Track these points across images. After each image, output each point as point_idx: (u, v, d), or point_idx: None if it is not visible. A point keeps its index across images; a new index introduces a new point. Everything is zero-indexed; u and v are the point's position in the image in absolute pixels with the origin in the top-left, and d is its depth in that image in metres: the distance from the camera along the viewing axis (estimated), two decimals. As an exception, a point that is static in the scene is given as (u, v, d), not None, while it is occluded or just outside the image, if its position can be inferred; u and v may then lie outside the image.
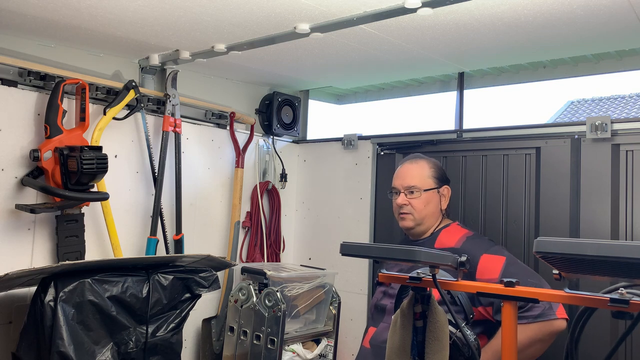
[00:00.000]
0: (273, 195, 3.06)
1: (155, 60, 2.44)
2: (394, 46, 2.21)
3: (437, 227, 2.17)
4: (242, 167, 2.86)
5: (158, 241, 2.44)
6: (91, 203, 2.21)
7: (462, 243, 2.05)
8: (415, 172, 2.16)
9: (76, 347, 1.75)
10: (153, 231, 2.43)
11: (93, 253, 2.27)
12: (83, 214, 2.21)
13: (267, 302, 2.32)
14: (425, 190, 2.13)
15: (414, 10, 1.74)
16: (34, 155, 2.02)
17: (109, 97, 2.32)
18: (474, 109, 3.15)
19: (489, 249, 2.01)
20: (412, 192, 2.14)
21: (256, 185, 2.97)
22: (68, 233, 2.16)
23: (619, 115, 10.23)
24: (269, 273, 2.41)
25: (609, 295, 1.14)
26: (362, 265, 2.84)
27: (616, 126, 2.13)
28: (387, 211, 2.59)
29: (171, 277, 2.03)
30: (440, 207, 2.16)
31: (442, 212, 2.18)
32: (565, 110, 11.99)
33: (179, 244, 2.53)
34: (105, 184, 2.21)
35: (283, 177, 3.12)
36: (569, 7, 1.74)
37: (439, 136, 2.65)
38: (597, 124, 2.14)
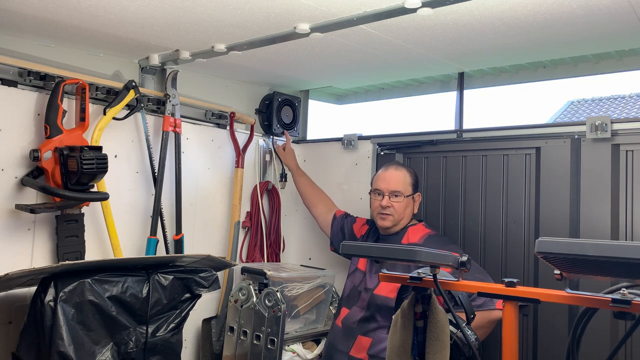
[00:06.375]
0: (273, 195, 3.06)
1: (155, 60, 2.44)
2: (394, 46, 2.20)
3: (405, 224, 2.38)
4: (242, 167, 2.86)
5: (158, 241, 2.44)
6: (91, 203, 2.21)
7: (424, 240, 2.27)
8: (400, 179, 2.36)
9: (76, 347, 1.75)
10: (153, 231, 2.43)
11: (93, 253, 2.27)
12: (83, 214, 2.21)
13: (267, 302, 2.32)
14: (406, 196, 2.34)
15: (414, 10, 1.74)
16: (34, 155, 2.02)
17: (109, 97, 2.32)
18: (474, 109, 3.15)
19: (443, 248, 2.05)
20: (396, 196, 2.33)
21: (256, 185, 2.97)
22: (68, 233, 2.15)
23: (619, 115, 10.23)
24: (269, 273, 2.41)
25: (610, 296, 1.14)
26: (362, 265, 2.84)
27: (616, 126, 2.13)
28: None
29: (171, 277, 2.02)
30: (412, 210, 2.39)
31: (413, 214, 2.41)
32: (565, 110, 11.98)
33: (179, 244, 2.53)
34: (105, 184, 2.21)
35: (283, 177, 3.12)
36: (569, 7, 1.74)
37: (439, 136, 2.65)
38: (597, 124, 2.14)
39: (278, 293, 2.31)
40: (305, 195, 2.87)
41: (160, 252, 2.48)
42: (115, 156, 2.36)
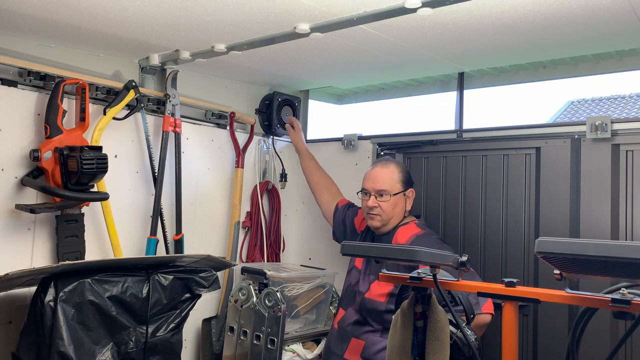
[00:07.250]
0: (273, 195, 3.06)
1: (155, 60, 2.44)
2: (394, 46, 2.20)
3: (397, 223, 2.31)
4: (242, 167, 2.86)
5: (158, 241, 2.44)
6: (91, 203, 2.21)
7: (411, 242, 2.19)
8: (386, 177, 2.28)
9: (76, 347, 1.75)
10: (153, 231, 2.43)
11: (93, 253, 2.27)
12: (83, 214, 2.21)
13: (267, 302, 2.32)
14: (394, 194, 2.26)
15: (414, 10, 1.74)
16: (34, 155, 2.02)
17: (109, 97, 2.32)
18: (474, 109, 3.15)
19: (433, 248, 2.04)
20: (381, 195, 2.26)
21: (256, 185, 2.97)
22: (68, 233, 2.16)
23: (619, 115, 10.23)
24: (269, 273, 2.41)
25: (610, 296, 1.14)
26: (362, 265, 2.84)
27: (616, 126, 2.13)
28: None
29: (171, 277, 2.03)
30: (405, 208, 2.31)
31: (406, 212, 2.33)
32: (565, 110, 11.99)
33: (179, 244, 2.53)
34: (105, 184, 2.21)
35: (283, 177, 3.12)
36: (569, 7, 1.74)
37: (439, 136, 2.65)
38: (597, 124, 2.14)
39: (278, 293, 2.31)
40: (311, 180, 2.82)
41: (160, 252, 2.48)
42: (115, 156, 2.36)
